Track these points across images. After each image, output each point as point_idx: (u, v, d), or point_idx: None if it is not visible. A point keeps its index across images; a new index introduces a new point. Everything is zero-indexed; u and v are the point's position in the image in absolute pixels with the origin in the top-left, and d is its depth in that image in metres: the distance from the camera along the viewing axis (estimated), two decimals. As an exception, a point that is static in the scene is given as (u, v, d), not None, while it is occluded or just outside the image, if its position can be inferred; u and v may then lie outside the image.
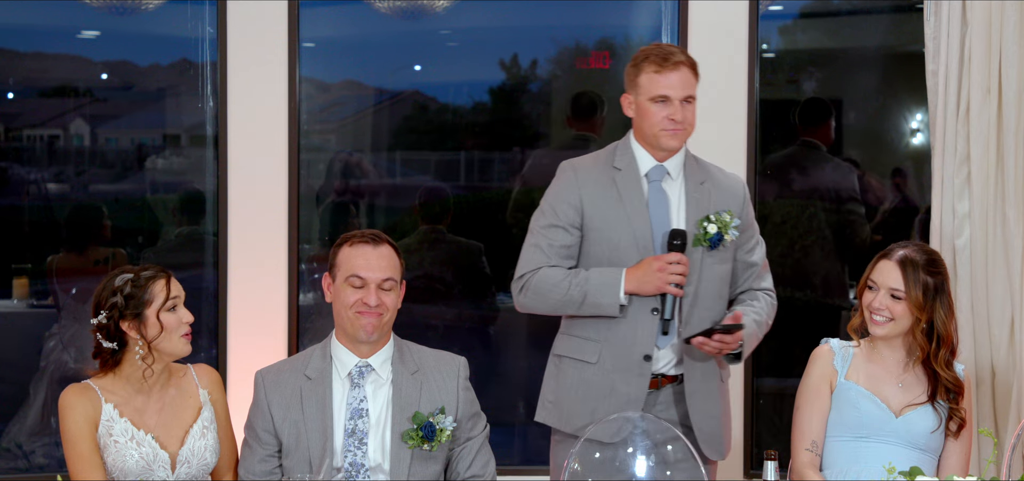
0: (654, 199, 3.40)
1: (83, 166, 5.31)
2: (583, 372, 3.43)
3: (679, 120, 3.34)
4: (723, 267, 3.43)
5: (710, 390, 3.45)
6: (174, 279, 3.14)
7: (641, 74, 3.37)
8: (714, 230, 3.36)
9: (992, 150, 4.14)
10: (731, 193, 3.47)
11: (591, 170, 3.45)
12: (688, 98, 3.37)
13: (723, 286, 3.45)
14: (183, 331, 3.11)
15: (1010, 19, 4.11)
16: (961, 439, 3.31)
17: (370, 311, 3.11)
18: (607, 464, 3.24)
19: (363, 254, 3.14)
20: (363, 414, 3.12)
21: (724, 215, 3.38)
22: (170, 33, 4.86)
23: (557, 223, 3.42)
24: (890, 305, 3.26)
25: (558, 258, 3.41)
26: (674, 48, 3.40)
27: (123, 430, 3.07)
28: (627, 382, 3.38)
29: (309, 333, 4.65)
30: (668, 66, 3.34)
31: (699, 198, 3.42)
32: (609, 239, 3.39)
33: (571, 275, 3.37)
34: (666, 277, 3.29)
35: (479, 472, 3.19)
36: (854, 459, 3.27)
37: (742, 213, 3.46)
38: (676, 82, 3.34)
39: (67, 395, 3.08)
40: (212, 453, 3.16)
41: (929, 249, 3.36)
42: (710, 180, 3.46)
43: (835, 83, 5.45)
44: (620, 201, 3.39)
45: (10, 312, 5.11)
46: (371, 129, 5.46)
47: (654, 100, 3.35)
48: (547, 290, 3.39)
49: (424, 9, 4.85)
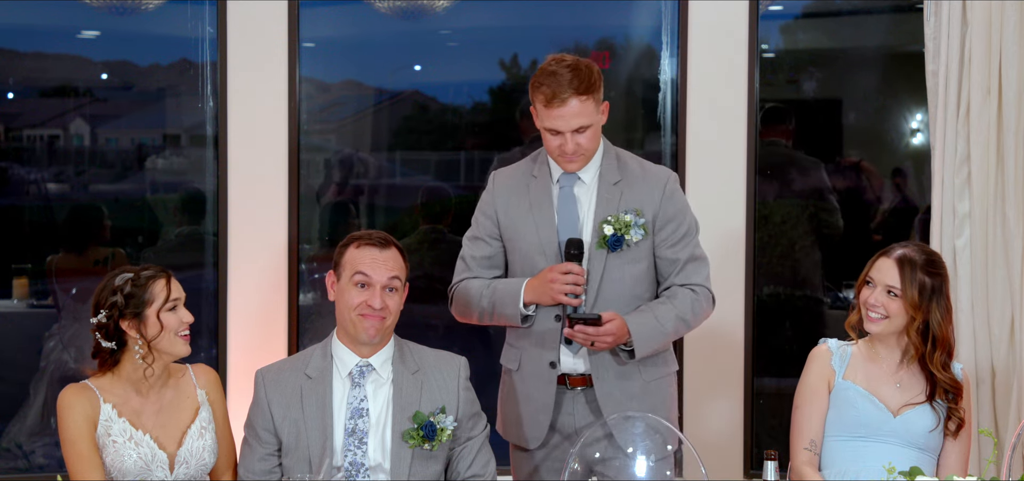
0: (564, 205, 3.40)
1: (83, 166, 5.31)
2: (510, 379, 3.51)
3: (570, 151, 3.31)
4: (636, 267, 3.39)
5: (628, 390, 3.40)
6: (174, 279, 3.15)
7: (535, 101, 3.34)
8: (610, 231, 3.33)
9: (992, 150, 4.14)
10: (648, 189, 3.41)
11: (508, 180, 3.49)
12: (580, 129, 3.30)
13: (639, 286, 3.40)
14: (183, 331, 3.12)
15: (1010, 19, 4.11)
16: (960, 439, 3.31)
17: (374, 314, 3.11)
18: (607, 464, 3.25)
19: (370, 255, 3.15)
20: (363, 413, 3.13)
21: (626, 216, 3.34)
22: (170, 33, 4.86)
23: (478, 235, 3.49)
24: (886, 302, 3.26)
25: (479, 268, 3.47)
26: (565, 78, 3.26)
27: (121, 430, 3.07)
28: (538, 388, 3.41)
29: (309, 333, 4.65)
30: (555, 104, 3.27)
31: (610, 199, 3.38)
32: (519, 247, 3.43)
33: (483, 286, 3.43)
34: (559, 287, 3.28)
35: (479, 472, 3.20)
36: (853, 459, 3.27)
37: (660, 209, 3.39)
38: (565, 116, 3.27)
39: (66, 395, 3.08)
40: (210, 453, 3.16)
41: (930, 250, 3.36)
42: (626, 179, 3.41)
43: (835, 83, 5.45)
44: (530, 209, 3.42)
45: (10, 312, 5.11)
46: (371, 129, 5.45)
47: (547, 130, 3.33)
48: (466, 302, 3.47)
49: (424, 9, 4.85)
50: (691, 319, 3.41)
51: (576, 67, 3.28)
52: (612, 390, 3.39)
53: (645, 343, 3.33)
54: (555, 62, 3.31)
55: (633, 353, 3.35)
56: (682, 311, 3.38)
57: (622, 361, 3.39)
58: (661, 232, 3.40)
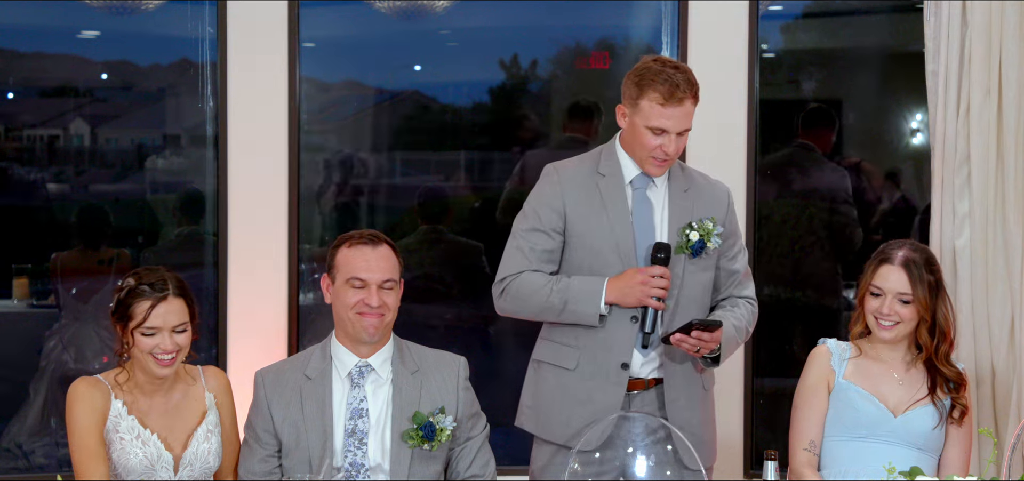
0: (638, 207, 3.37)
1: (83, 166, 5.31)
2: (561, 378, 3.39)
3: (671, 152, 3.28)
4: (705, 275, 3.40)
5: (691, 396, 3.40)
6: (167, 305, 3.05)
7: (643, 98, 3.27)
8: (696, 237, 3.32)
9: (992, 150, 4.14)
10: (715, 200, 3.43)
11: (575, 175, 3.41)
12: (683, 132, 3.30)
13: (705, 294, 3.42)
14: (160, 354, 3.05)
15: (1010, 19, 4.11)
16: (964, 428, 3.31)
17: (372, 312, 3.11)
18: (606, 464, 3.25)
19: (363, 255, 3.14)
20: (363, 414, 3.13)
21: (707, 222, 3.34)
22: (170, 33, 4.86)
23: (539, 227, 3.37)
24: (899, 310, 3.27)
25: (539, 262, 3.37)
26: (681, 78, 3.26)
27: (129, 428, 3.07)
28: (603, 390, 3.33)
29: (309, 333, 4.65)
30: (672, 103, 3.24)
31: (683, 205, 3.38)
32: (591, 246, 3.35)
33: (552, 281, 3.33)
34: (648, 291, 3.25)
35: (479, 472, 3.20)
36: (853, 459, 3.27)
37: (725, 220, 3.42)
38: (678, 116, 3.26)
39: (78, 386, 3.07)
40: (215, 457, 3.16)
41: (921, 246, 3.38)
42: (694, 187, 3.42)
43: (835, 83, 5.45)
44: (603, 208, 3.36)
45: (10, 312, 5.11)
46: (371, 129, 5.46)
47: (652, 129, 3.28)
48: (527, 295, 3.35)
49: (424, 9, 4.85)
50: (749, 330, 3.46)
51: (685, 70, 3.30)
52: (678, 395, 3.38)
53: (727, 352, 3.36)
54: (659, 63, 3.29)
55: (717, 360, 3.35)
56: (747, 322, 3.43)
57: (700, 368, 3.40)
58: (724, 243, 3.41)
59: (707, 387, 3.47)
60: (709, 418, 3.48)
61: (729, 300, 3.45)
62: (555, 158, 3.52)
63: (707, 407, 3.47)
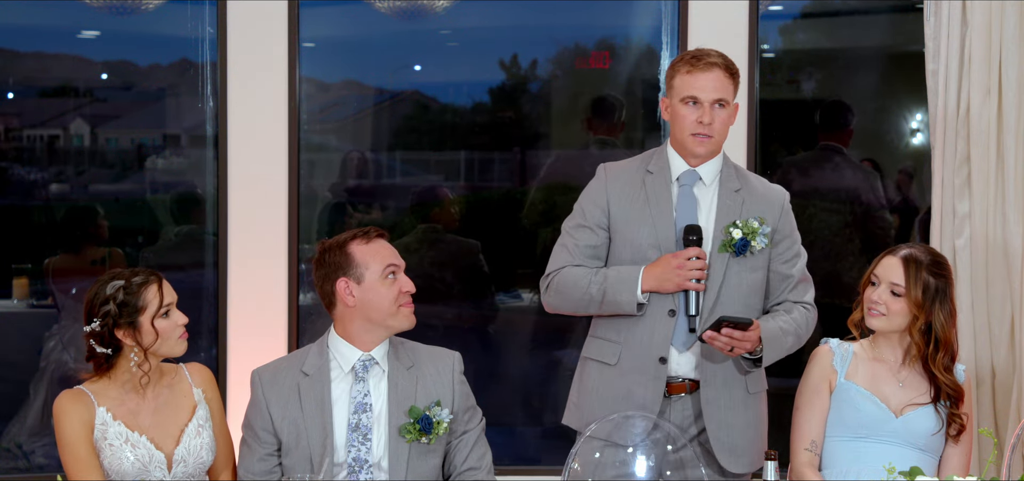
0: (682, 203, 3.36)
1: (83, 166, 5.31)
2: (603, 374, 3.40)
3: (707, 123, 3.28)
4: (754, 276, 3.36)
5: (731, 399, 3.35)
6: (165, 283, 3.12)
7: (676, 76, 3.33)
8: (739, 235, 3.29)
9: (992, 150, 4.14)
10: (767, 202, 3.40)
11: (622, 172, 3.44)
12: (721, 101, 3.29)
13: (753, 296, 3.37)
14: (179, 333, 3.11)
15: (1010, 19, 4.11)
16: (961, 443, 3.31)
17: (410, 300, 3.16)
18: (608, 465, 3.25)
19: (386, 247, 3.17)
20: (367, 408, 3.13)
21: (752, 221, 3.31)
22: (170, 33, 4.86)
23: (584, 223, 3.41)
24: (888, 300, 3.27)
25: (584, 258, 3.39)
26: (709, 49, 3.34)
27: (117, 433, 3.06)
28: (643, 386, 3.32)
29: (309, 333, 4.65)
30: (699, 67, 3.28)
31: (732, 205, 3.36)
32: (632, 239, 3.36)
33: (591, 273, 3.35)
34: (686, 273, 3.25)
35: (476, 465, 3.20)
36: (854, 459, 3.27)
37: (779, 223, 3.39)
38: (707, 83, 3.28)
39: (61, 401, 3.07)
40: (208, 451, 3.16)
41: (936, 252, 3.37)
42: (747, 188, 3.40)
43: (835, 83, 5.45)
44: (647, 203, 3.37)
45: (10, 312, 5.11)
46: (371, 129, 5.46)
47: (685, 101, 3.30)
48: (569, 288, 3.37)
49: (424, 9, 4.85)
50: (804, 336, 3.41)
51: (721, 52, 3.35)
52: (718, 396, 3.34)
53: (772, 353, 3.31)
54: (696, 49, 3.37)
55: (759, 361, 3.31)
56: (800, 327, 3.37)
57: (743, 369, 3.36)
58: (778, 247, 3.39)
59: (752, 390, 3.40)
60: (752, 422, 3.40)
61: (784, 304, 3.40)
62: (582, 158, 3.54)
63: (751, 411, 3.40)
